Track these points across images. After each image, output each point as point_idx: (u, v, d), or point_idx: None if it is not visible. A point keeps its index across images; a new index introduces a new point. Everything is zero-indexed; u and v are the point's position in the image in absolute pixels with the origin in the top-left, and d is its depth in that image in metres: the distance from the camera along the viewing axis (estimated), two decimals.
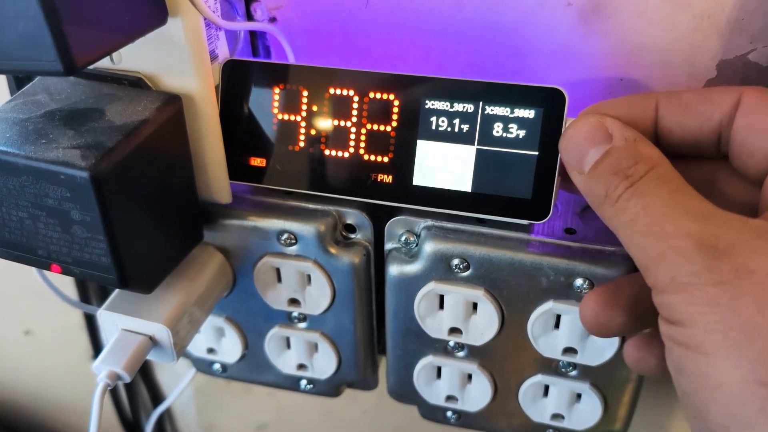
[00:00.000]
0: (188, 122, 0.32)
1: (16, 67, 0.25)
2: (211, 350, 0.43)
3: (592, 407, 0.37)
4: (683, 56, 0.32)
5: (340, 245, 0.36)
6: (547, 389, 0.38)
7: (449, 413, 0.41)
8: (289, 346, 0.41)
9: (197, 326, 0.36)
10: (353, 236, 0.36)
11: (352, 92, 0.32)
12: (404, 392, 0.41)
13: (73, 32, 0.23)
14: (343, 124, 0.32)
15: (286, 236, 0.35)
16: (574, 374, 0.36)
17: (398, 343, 0.38)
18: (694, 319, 0.21)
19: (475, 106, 0.31)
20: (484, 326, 0.35)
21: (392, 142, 0.32)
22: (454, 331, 0.36)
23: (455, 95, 0.31)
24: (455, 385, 0.39)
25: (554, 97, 0.30)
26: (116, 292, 0.35)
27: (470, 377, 0.39)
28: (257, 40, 0.37)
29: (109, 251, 0.29)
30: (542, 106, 0.30)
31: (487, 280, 0.34)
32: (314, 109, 0.33)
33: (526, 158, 0.30)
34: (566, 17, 0.32)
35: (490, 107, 0.30)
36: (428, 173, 0.32)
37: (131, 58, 0.31)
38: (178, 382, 0.54)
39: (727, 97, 0.27)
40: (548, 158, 0.30)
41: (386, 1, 0.34)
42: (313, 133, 0.33)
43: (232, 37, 0.35)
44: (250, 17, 0.35)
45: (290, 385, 0.43)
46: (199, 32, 0.30)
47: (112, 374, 0.32)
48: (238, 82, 0.33)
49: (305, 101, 0.33)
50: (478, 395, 0.39)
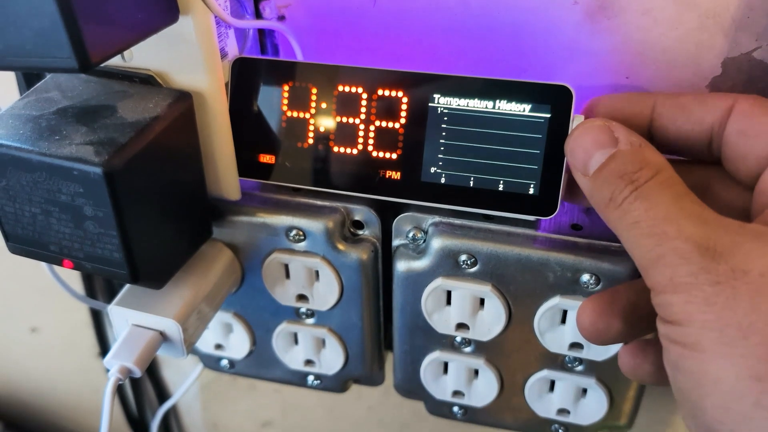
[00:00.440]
0: (198, 119, 0.32)
1: (31, 63, 0.25)
2: (219, 346, 0.43)
3: (597, 402, 0.38)
4: (688, 54, 0.32)
5: (348, 241, 0.36)
6: (553, 384, 0.38)
7: (456, 408, 0.41)
8: (296, 341, 0.41)
9: (206, 322, 0.37)
10: (361, 232, 0.36)
11: (360, 89, 0.32)
12: (411, 388, 0.41)
13: (87, 29, 0.24)
14: (351, 121, 0.33)
15: (294, 232, 0.36)
16: (580, 369, 0.37)
17: (405, 338, 0.39)
18: (691, 317, 0.22)
19: (482, 102, 0.31)
20: (491, 322, 0.36)
21: (400, 138, 0.32)
22: (461, 326, 0.37)
23: (463, 92, 0.31)
24: (462, 380, 0.39)
25: (561, 94, 0.30)
26: (126, 287, 0.35)
27: (477, 372, 0.39)
28: (266, 38, 0.38)
29: (121, 246, 0.29)
30: (549, 102, 0.30)
31: (494, 275, 0.34)
32: (323, 106, 0.33)
33: (533, 154, 0.31)
34: (572, 15, 0.32)
35: (497, 104, 0.31)
36: (436, 169, 0.32)
37: (142, 55, 0.31)
38: (183, 379, 0.54)
39: (721, 101, 0.28)
40: (555, 154, 0.30)
41: None
42: (321, 130, 0.33)
43: (241, 35, 0.35)
44: (258, 15, 0.36)
45: (297, 380, 0.44)
46: (209, 30, 0.30)
47: (123, 369, 0.33)
48: (247, 79, 0.34)
49: (314, 98, 0.33)
50: (484, 390, 0.39)
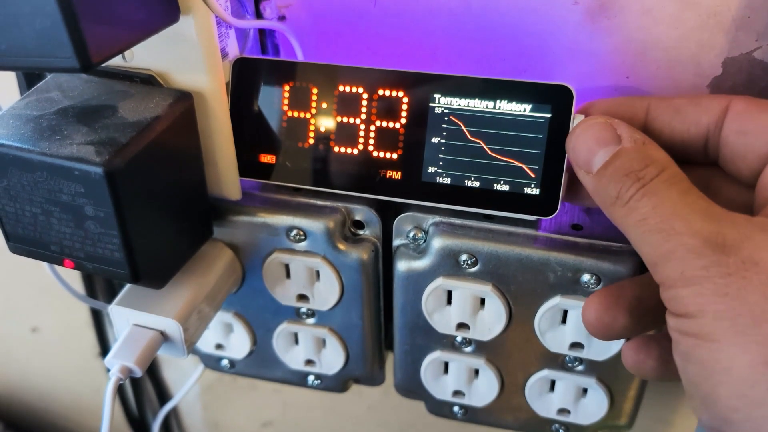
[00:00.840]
0: (199, 119, 0.32)
1: (32, 63, 0.25)
2: (219, 346, 0.43)
3: (598, 402, 0.38)
4: (689, 54, 0.32)
5: (348, 241, 0.36)
6: (553, 384, 0.38)
7: (456, 408, 0.41)
8: (297, 341, 0.41)
9: (207, 322, 0.37)
10: (362, 232, 0.36)
11: (361, 89, 0.32)
12: (411, 387, 0.41)
13: (89, 29, 0.24)
14: (352, 121, 0.33)
15: (295, 232, 0.36)
16: (580, 369, 0.37)
17: (406, 338, 0.39)
18: (703, 309, 0.22)
19: (483, 102, 0.31)
20: (491, 321, 0.36)
21: (401, 138, 0.32)
22: (461, 326, 0.37)
23: (464, 92, 0.31)
24: (462, 380, 0.39)
25: (562, 93, 0.30)
26: (127, 287, 0.35)
27: (477, 372, 0.39)
28: (266, 38, 0.38)
29: (122, 246, 0.29)
30: (550, 102, 0.30)
31: (494, 275, 0.34)
32: (324, 106, 0.33)
33: (533, 154, 0.31)
34: (573, 15, 0.32)
35: (498, 104, 0.31)
36: (437, 169, 0.32)
37: (143, 55, 0.31)
38: (184, 379, 0.54)
39: (716, 103, 0.28)
40: (556, 154, 0.30)
41: None
42: (322, 130, 0.33)
43: (241, 35, 0.35)
44: (259, 15, 0.36)
45: (298, 380, 0.44)
46: (210, 30, 0.30)
47: (124, 369, 0.33)
48: (248, 79, 0.34)
49: (315, 98, 0.33)
50: (485, 390, 0.39)
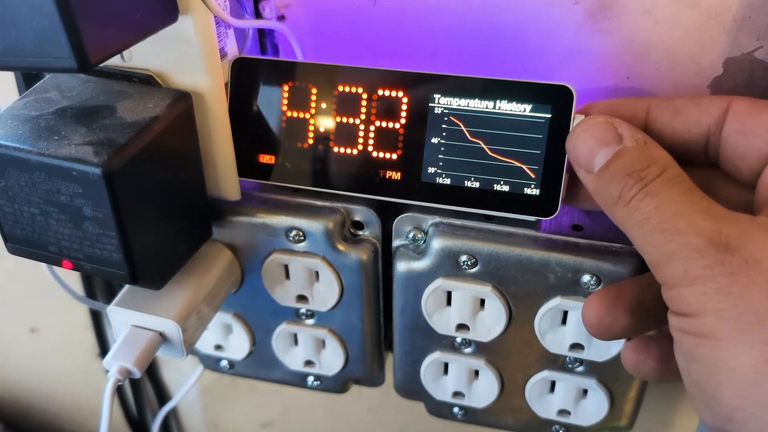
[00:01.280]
0: (198, 119, 0.32)
1: (30, 63, 0.25)
2: (218, 347, 0.43)
3: (598, 403, 0.37)
4: (690, 54, 0.32)
5: (348, 242, 0.36)
6: (553, 385, 0.38)
7: (456, 409, 0.41)
8: (296, 342, 0.41)
9: (206, 323, 0.37)
10: (361, 233, 0.36)
11: (360, 89, 0.32)
12: (411, 388, 0.41)
13: (87, 29, 0.24)
14: (351, 121, 0.33)
15: (294, 233, 0.36)
16: (580, 370, 0.37)
17: (405, 339, 0.39)
18: (706, 308, 0.22)
19: (483, 102, 0.31)
20: (491, 322, 0.36)
21: (401, 139, 0.32)
22: (461, 327, 0.37)
23: (464, 92, 0.31)
24: (462, 381, 0.39)
25: (562, 94, 0.30)
26: (126, 288, 0.35)
27: (477, 373, 0.39)
28: (265, 38, 0.37)
29: (120, 247, 0.29)
30: (550, 102, 0.30)
31: (494, 276, 0.34)
32: (323, 106, 0.33)
33: (534, 155, 0.31)
34: (573, 16, 0.32)
35: (498, 104, 0.31)
36: (437, 170, 0.32)
37: (141, 55, 0.31)
38: (183, 380, 0.54)
39: (716, 103, 0.28)
40: (556, 155, 0.30)
41: None
42: (321, 130, 0.33)
43: (240, 35, 0.35)
44: (258, 15, 0.36)
45: (297, 381, 0.44)
46: (209, 30, 0.30)
47: (122, 370, 0.32)
48: (247, 79, 0.34)
49: (314, 99, 0.33)
50: (485, 391, 0.39)
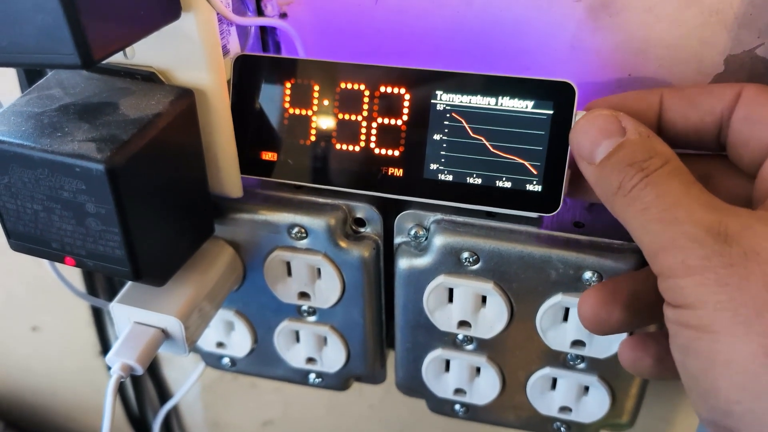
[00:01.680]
0: (200, 116, 0.32)
1: (33, 60, 0.25)
2: (220, 344, 0.43)
3: (599, 400, 0.37)
4: (691, 51, 0.32)
5: (350, 239, 0.36)
6: (555, 382, 0.38)
7: (457, 406, 0.41)
8: (298, 339, 0.41)
9: (208, 320, 0.37)
10: (363, 230, 0.36)
11: (363, 86, 0.32)
12: (412, 386, 0.41)
13: (90, 26, 0.24)
14: (353, 118, 0.33)
15: (296, 230, 0.36)
16: (582, 367, 0.37)
17: (407, 336, 0.39)
18: (703, 299, 0.22)
19: (485, 99, 0.31)
20: (493, 319, 0.36)
21: (403, 136, 0.32)
22: (463, 324, 0.37)
23: (466, 89, 0.31)
24: (464, 378, 0.39)
25: (564, 90, 0.30)
26: (128, 284, 0.35)
27: (479, 370, 0.39)
28: (267, 35, 0.38)
29: (123, 243, 0.29)
30: (552, 99, 0.30)
31: (496, 273, 0.34)
32: (325, 103, 0.33)
33: (536, 151, 0.31)
34: (575, 13, 0.32)
35: (500, 100, 0.31)
36: (439, 166, 0.32)
37: (144, 52, 0.31)
38: (185, 378, 0.54)
39: (728, 90, 0.28)
40: (558, 151, 0.30)
41: None
42: (323, 127, 0.33)
43: (242, 32, 0.35)
44: (260, 13, 0.36)
45: (299, 378, 0.44)
46: (212, 27, 0.30)
47: (125, 367, 0.32)
48: (249, 76, 0.34)
49: (316, 96, 0.33)
50: (486, 388, 0.39)
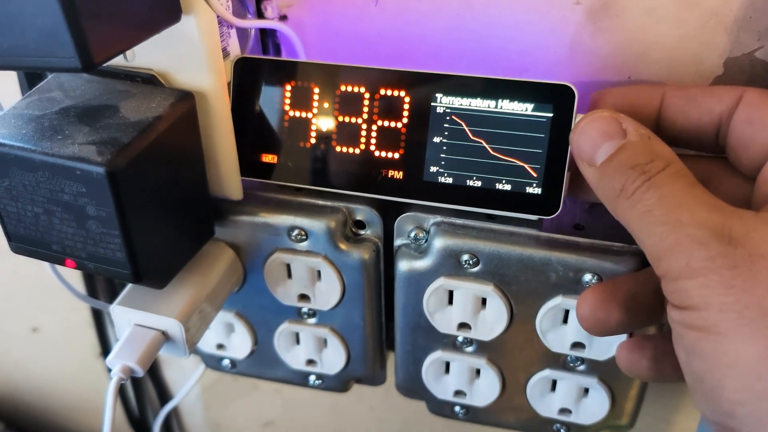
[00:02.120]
0: (201, 119, 0.32)
1: (33, 63, 0.25)
2: (220, 346, 0.43)
3: (599, 402, 0.38)
4: (691, 54, 0.32)
5: (350, 241, 0.36)
6: (554, 384, 0.38)
7: (457, 408, 0.41)
8: (298, 341, 0.41)
9: (208, 322, 0.37)
10: (363, 232, 0.36)
11: (363, 89, 0.32)
12: (412, 387, 0.41)
13: (91, 29, 0.24)
14: (353, 120, 0.33)
15: (296, 232, 0.36)
16: (582, 369, 0.37)
17: (407, 338, 0.39)
18: (708, 301, 0.22)
19: (485, 102, 0.31)
20: (493, 321, 0.36)
21: (403, 138, 0.32)
22: (463, 326, 0.37)
23: (465, 91, 0.31)
24: (464, 380, 0.39)
25: (564, 93, 0.30)
26: (128, 287, 0.35)
27: (479, 372, 0.39)
28: (267, 38, 0.38)
29: (123, 246, 0.29)
30: (552, 102, 0.30)
31: (496, 275, 0.34)
32: (325, 105, 0.33)
33: (535, 154, 0.31)
34: (575, 15, 0.32)
35: (500, 103, 0.31)
36: (439, 169, 0.32)
37: (144, 55, 0.31)
38: (185, 379, 0.54)
39: (730, 92, 0.28)
40: (558, 154, 0.30)
41: None
42: (323, 129, 0.33)
43: (243, 35, 0.35)
44: (260, 15, 0.36)
45: (299, 380, 0.44)
46: (212, 30, 0.30)
47: (125, 369, 0.33)
48: (249, 79, 0.34)
49: (316, 98, 0.33)
50: (486, 390, 0.39)
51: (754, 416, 0.21)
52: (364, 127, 0.33)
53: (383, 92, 0.32)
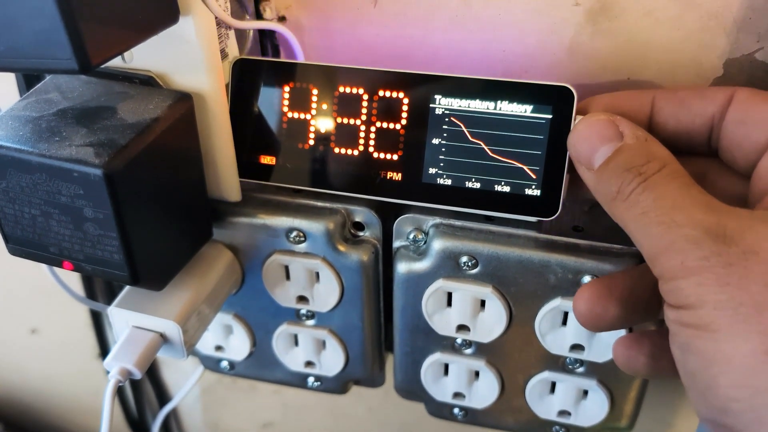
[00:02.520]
0: (199, 120, 0.32)
1: (31, 65, 0.25)
2: (219, 348, 0.43)
3: (598, 404, 0.37)
4: (690, 55, 0.32)
5: (348, 243, 0.36)
6: (553, 386, 0.38)
7: (456, 410, 0.41)
8: (297, 343, 0.41)
9: (206, 323, 0.37)
10: (362, 234, 0.36)
11: (361, 90, 0.32)
12: (411, 389, 0.41)
13: (88, 30, 0.24)
14: (352, 122, 0.33)
15: (295, 234, 0.36)
16: (581, 371, 0.37)
17: (406, 340, 0.39)
18: (703, 299, 0.22)
19: (483, 103, 0.31)
20: (491, 323, 0.36)
21: (401, 140, 0.32)
22: (461, 328, 0.37)
23: (464, 93, 0.31)
24: (462, 382, 0.39)
25: (563, 95, 0.30)
26: (126, 289, 0.35)
27: (477, 374, 0.39)
28: (266, 39, 0.37)
29: (121, 248, 0.29)
30: (551, 103, 0.30)
31: (495, 277, 0.34)
32: (324, 107, 0.33)
33: (534, 155, 0.31)
34: (574, 17, 0.32)
35: (499, 105, 0.31)
36: (437, 170, 0.32)
37: (142, 56, 0.31)
38: (184, 381, 0.54)
39: (720, 93, 0.28)
40: (557, 155, 0.30)
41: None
42: (322, 131, 0.33)
43: (241, 36, 0.35)
44: (259, 16, 0.36)
45: (297, 382, 0.44)
46: (210, 31, 0.30)
47: (123, 371, 0.32)
48: (248, 80, 0.34)
49: (315, 99, 0.33)
50: (485, 392, 0.39)
51: (748, 412, 0.21)
52: (362, 128, 0.33)
53: (382, 94, 0.32)
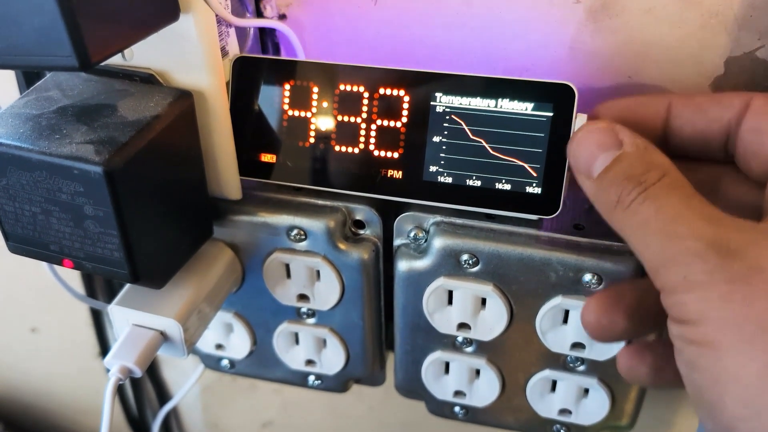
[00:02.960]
0: (199, 118, 0.32)
1: (30, 62, 0.25)
2: (219, 346, 0.43)
3: (599, 402, 0.37)
4: (691, 53, 0.32)
5: (349, 241, 0.36)
6: (554, 384, 0.38)
7: (457, 408, 0.41)
8: (297, 341, 0.41)
9: (207, 322, 0.37)
10: (362, 232, 0.36)
11: (362, 88, 0.32)
12: (412, 388, 0.41)
13: (88, 28, 0.24)
14: (353, 120, 0.33)
15: (295, 232, 0.36)
16: (581, 369, 0.37)
17: (407, 338, 0.38)
18: (706, 315, 0.22)
19: (484, 101, 0.31)
20: (492, 321, 0.36)
21: (402, 137, 0.32)
22: (462, 326, 0.37)
23: (465, 91, 0.31)
24: (463, 380, 0.39)
25: (564, 92, 0.30)
26: (127, 287, 0.35)
27: (478, 372, 0.39)
28: (266, 37, 0.37)
29: (121, 246, 0.29)
30: (552, 101, 0.30)
31: (496, 275, 0.34)
32: (324, 105, 0.33)
33: (535, 153, 0.31)
34: (575, 14, 0.32)
35: (500, 102, 0.31)
36: (438, 168, 0.32)
37: (143, 54, 0.31)
38: (184, 379, 0.54)
39: (737, 100, 0.28)
40: (558, 153, 0.30)
41: None
42: (323, 129, 0.33)
43: (242, 34, 0.35)
44: (259, 14, 0.36)
45: (298, 380, 0.44)
46: (210, 29, 0.30)
47: (123, 369, 0.32)
48: (248, 78, 0.34)
49: (315, 97, 0.33)
50: (486, 390, 0.39)
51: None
52: (363, 126, 0.32)
53: (382, 91, 0.32)
